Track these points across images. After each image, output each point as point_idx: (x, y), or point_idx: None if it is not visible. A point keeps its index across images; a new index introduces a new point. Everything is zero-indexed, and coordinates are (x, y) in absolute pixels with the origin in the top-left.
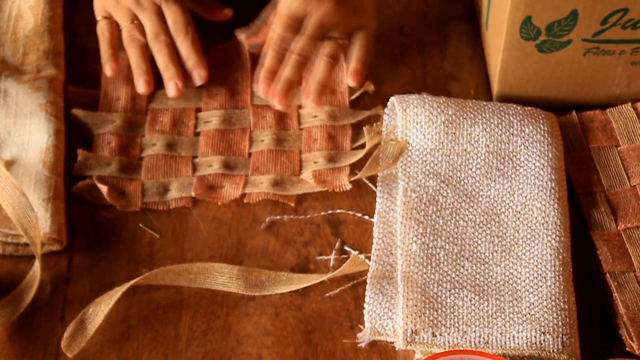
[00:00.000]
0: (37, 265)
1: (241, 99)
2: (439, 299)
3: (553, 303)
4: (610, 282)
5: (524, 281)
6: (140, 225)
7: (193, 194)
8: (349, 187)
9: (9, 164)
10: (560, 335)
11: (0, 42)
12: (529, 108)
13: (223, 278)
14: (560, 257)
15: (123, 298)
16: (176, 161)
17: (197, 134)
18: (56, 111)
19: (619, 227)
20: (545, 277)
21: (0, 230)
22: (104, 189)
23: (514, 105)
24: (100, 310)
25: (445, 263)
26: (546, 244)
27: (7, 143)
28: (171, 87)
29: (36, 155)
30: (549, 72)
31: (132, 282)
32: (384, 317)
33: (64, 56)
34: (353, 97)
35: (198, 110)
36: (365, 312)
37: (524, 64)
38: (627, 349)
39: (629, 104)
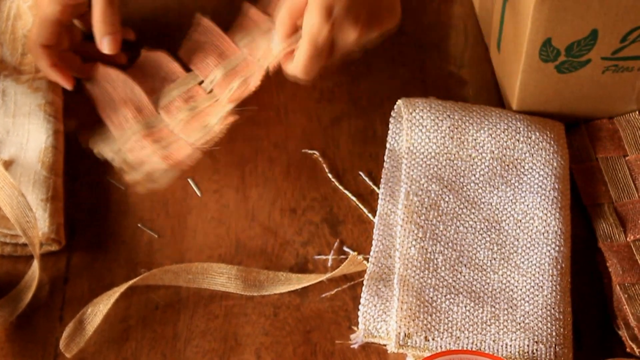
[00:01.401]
0: (35, 265)
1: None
2: (434, 304)
3: (548, 313)
4: (620, 294)
5: (521, 290)
6: (139, 225)
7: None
8: None
9: (8, 164)
10: (553, 346)
11: None
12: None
13: (221, 278)
14: (559, 267)
15: (121, 298)
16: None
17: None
18: (55, 111)
19: (628, 239)
20: (542, 287)
21: None
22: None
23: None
24: (98, 310)
25: (443, 268)
26: (545, 253)
27: (5, 143)
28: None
29: (35, 155)
30: (568, 92)
31: (130, 282)
32: (378, 320)
33: None
34: None
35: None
36: (359, 313)
37: (542, 85)
38: (628, 350)
39: (637, 112)
